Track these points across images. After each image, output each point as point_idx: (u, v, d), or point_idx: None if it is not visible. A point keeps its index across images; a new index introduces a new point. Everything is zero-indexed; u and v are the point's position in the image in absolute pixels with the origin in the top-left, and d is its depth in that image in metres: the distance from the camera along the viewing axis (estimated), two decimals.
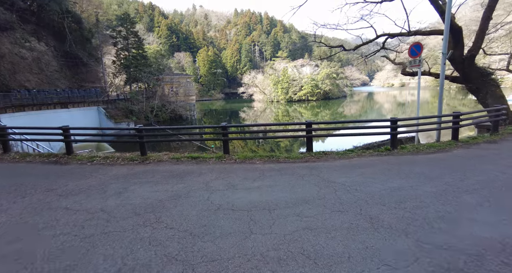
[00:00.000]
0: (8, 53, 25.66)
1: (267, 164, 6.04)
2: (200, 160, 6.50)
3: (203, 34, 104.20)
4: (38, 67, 28.90)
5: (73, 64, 32.47)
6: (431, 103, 52.59)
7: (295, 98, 65.30)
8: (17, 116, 21.89)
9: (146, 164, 6.32)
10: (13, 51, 26.25)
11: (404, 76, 12.87)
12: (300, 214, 3.44)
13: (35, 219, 3.46)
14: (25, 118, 22.17)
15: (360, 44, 12.85)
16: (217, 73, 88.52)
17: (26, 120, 21.96)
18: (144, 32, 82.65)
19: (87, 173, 5.56)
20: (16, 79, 26.44)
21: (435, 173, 4.93)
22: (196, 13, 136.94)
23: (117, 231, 3.13)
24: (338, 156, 6.50)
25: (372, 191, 4.17)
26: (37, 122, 22.67)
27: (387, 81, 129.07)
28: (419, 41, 14.67)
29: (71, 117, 26.07)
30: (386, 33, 12.23)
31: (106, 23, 41.59)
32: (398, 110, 45.80)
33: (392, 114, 41.12)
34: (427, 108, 45.65)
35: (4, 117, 20.61)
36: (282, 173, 5.22)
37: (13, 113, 21.66)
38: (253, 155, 6.74)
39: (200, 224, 3.27)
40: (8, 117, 21.05)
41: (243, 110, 54.36)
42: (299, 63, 74.32)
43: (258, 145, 20.77)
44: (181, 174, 5.40)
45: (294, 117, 43.29)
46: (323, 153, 6.72)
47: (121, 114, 32.37)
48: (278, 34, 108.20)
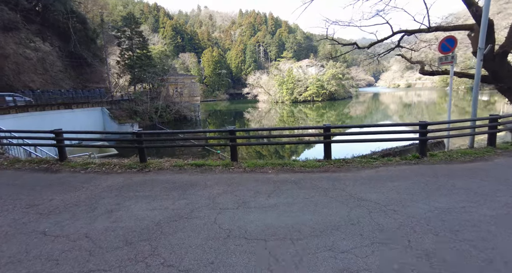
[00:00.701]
0: (13, 54, 25.52)
1: (281, 173, 5.31)
2: (205, 168, 5.80)
3: (207, 35, 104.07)
4: (42, 67, 28.75)
5: (77, 65, 32.28)
6: (438, 104, 51.28)
7: (300, 98, 64.39)
8: (20, 117, 21.61)
9: (145, 172, 5.65)
10: (18, 52, 26.10)
11: (424, 75, 11.98)
12: (332, 248, 2.70)
13: (0, 250, 2.80)
14: (28, 119, 21.90)
15: (375, 42, 12.03)
16: (221, 73, 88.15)
17: (29, 121, 21.68)
18: (149, 32, 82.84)
19: (78, 183, 4.92)
20: (21, 80, 26.29)
21: (485, 189, 4.13)
22: (201, 14, 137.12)
23: (100, 270, 2.44)
24: (361, 165, 5.73)
25: (415, 213, 3.41)
26: (41, 123, 22.38)
27: (393, 82, 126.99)
28: (437, 37, 13.77)
29: (74, 118, 25.78)
30: (402, 30, 11.38)
31: (111, 24, 41.51)
32: (404, 111, 44.53)
33: (398, 115, 39.94)
34: (434, 109, 44.39)
35: (7, 118, 20.36)
36: (300, 187, 4.48)
37: (17, 113, 21.37)
38: (264, 162, 6.02)
39: (206, 260, 2.56)
40: (12, 118, 20.79)
41: (247, 111, 53.72)
42: (305, 64, 73.39)
43: (262, 147, 20.03)
44: (183, 185, 4.71)
45: (299, 117, 42.44)
46: (344, 161, 5.96)
47: (125, 115, 32.03)
48: (283, 34, 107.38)
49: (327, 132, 5.95)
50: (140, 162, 6.15)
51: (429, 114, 40.07)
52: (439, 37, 12.00)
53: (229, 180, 4.95)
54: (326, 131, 5.95)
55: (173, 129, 31.52)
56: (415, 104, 53.31)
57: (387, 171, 5.24)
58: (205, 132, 16.17)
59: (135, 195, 4.27)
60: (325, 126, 5.90)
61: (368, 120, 36.78)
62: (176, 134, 6.78)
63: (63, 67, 31.04)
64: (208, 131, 13.12)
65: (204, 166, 5.93)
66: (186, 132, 10.04)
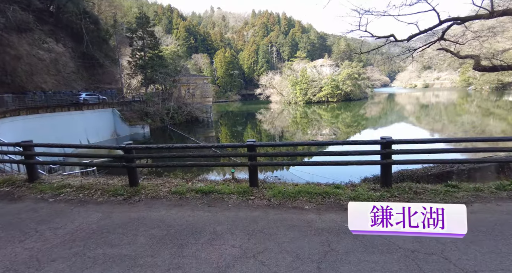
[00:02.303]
0: (26, 55, 25.33)
1: (324, 212, 3.60)
2: (215, 198, 4.20)
3: (220, 36, 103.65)
4: (55, 68, 28.56)
5: (89, 65, 31.99)
6: (458, 105, 47.30)
7: (314, 99, 62.01)
8: (31, 118, 21.17)
9: (134, 203, 4.13)
10: (31, 53, 25.93)
11: (479, 71, 9.84)
12: None
13: None
14: (39, 121, 21.44)
15: (417, 33, 9.99)
16: (234, 74, 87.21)
17: (40, 122, 21.21)
18: (162, 34, 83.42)
19: (34, 224, 3.45)
20: (33, 81, 26.09)
21: None
22: (214, 15, 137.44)
23: None
24: (439, 197, 3.92)
25: None
26: (51, 125, 21.90)
27: (410, 82, 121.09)
28: (495, 26, 11.47)
29: (84, 120, 25.24)
30: (453, 18, 9.29)
31: (126, 26, 41.30)
32: (421, 112, 41.18)
33: (415, 117, 36.80)
34: (453, 110, 40.79)
35: (17, 120, 19.92)
36: (366, 246, 2.76)
37: (27, 115, 20.93)
38: (296, 190, 4.31)
39: None
40: (22, 120, 20.34)
41: (260, 112, 52.17)
42: (319, 63, 70.91)
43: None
44: (181, 234, 3.12)
45: (313, 119, 40.31)
46: (411, 190, 4.16)
47: (136, 117, 31.37)
48: (296, 34, 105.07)
49: (386, 148, 4.17)
50: (130, 185, 4.65)
51: (447, 114, 36.84)
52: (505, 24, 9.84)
53: (250, 225, 3.30)
54: (385, 147, 4.17)
55: (183, 132, 30.45)
56: (432, 105, 49.87)
57: (489, 212, 3.40)
58: (218, 147, 13.57)
59: (104, 255, 2.72)
60: (386, 140, 4.12)
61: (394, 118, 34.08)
62: (179, 149, 5.22)
63: (76, 68, 30.82)
64: (221, 146, 10.87)
65: (213, 194, 4.33)
66: (193, 147, 8.36)
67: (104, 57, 32.83)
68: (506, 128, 23.80)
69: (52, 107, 22.73)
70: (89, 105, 26.29)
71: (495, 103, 45.43)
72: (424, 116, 37.10)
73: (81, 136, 24.37)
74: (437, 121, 31.67)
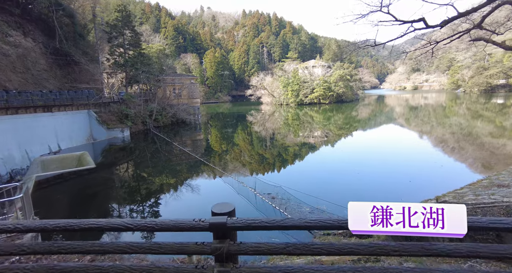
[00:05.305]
0: None
1: None
2: None
3: (210, 36, 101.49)
4: (23, 65, 25.74)
5: (64, 63, 29.26)
6: (447, 107, 47.34)
7: (306, 101, 60.98)
8: None
9: None
10: None
11: None
12: None
13: None
14: None
15: (454, 16, 7.75)
16: (224, 75, 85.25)
17: None
18: (150, 32, 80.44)
19: None
20: None
21: None
22: (203, 15, 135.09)
23: None
24: None
25: None
26: (13, 129, 19.26)
27: (399, 84, 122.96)
28: None
29: (54, 123, 22.59)
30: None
31: (105, 20, 38.59)
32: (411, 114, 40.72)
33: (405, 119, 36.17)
34: (442, 112, 40.57)
35: None
36: None
37: None
38: None
39: None
40: None
41: (250, 114, 50.46)
42: (311, 64, 70.11)
43: None
44: None
45: (305, 121, 38.95)
46: None
47: (115, 119, 28.86)
48: (287, 35, 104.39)
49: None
50: None
51: (436, 116, 36.48)
52: None
53: None
54: None
55: (168, 135, 28.22)
56: (421, 107, 50.00)
57: None
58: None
59: None
60: None
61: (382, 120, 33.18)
62: None
63: (48, 65, 28.03)
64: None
65: None
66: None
67: (81, 54, 30.17)
68: (493, 130, 23.52)
69: (14, 108, 20.05)
70: (61, 106, 23.68)
71: (483, 106, 45.73)
72: (413, 118, 36.63)
73: (50, 141, 21.77)
74: (425, 123, 31.16)
